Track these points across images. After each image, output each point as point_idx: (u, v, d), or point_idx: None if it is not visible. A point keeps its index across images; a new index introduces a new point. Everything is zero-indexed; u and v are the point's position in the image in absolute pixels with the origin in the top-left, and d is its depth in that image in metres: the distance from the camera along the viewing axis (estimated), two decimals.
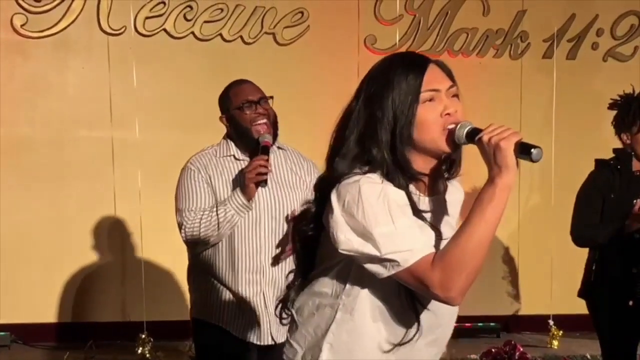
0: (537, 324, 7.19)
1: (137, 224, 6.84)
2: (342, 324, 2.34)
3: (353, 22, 7.18)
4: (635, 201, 4.56)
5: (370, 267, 2.21)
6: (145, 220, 6.82)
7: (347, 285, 2.33)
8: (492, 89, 7.42)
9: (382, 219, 2.18)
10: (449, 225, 2.42)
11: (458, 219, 2.48)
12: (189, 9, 6.97)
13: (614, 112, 4.83)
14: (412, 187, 2.33)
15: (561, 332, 6.91)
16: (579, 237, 4.82)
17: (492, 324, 7.36)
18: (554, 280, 7.24)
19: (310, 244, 2.41)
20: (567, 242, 4.86)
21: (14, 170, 6.84)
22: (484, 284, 7.42)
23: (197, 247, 4.02)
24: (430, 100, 2.32)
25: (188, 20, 6.98)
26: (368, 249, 2.18)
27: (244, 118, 4.06)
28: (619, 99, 4.84)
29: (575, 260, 5.01)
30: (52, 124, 6.92)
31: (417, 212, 2.28)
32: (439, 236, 2.31)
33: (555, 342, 6.89)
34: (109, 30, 6.89)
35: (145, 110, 6.86)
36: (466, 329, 7.29)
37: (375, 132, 2.29)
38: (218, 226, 3.88)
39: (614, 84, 7.36)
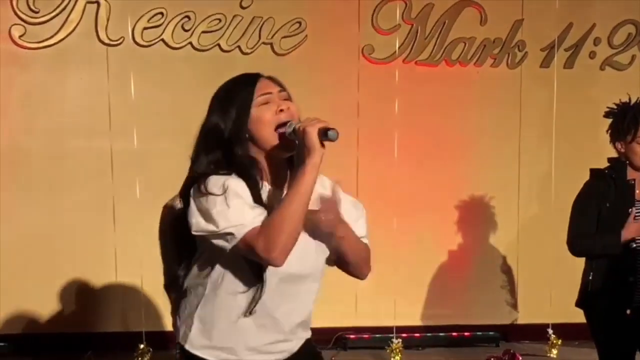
0: (536, 332, 7.18)
1: (135, 234, 6.83)
2: (209, 299, 2.83)
3: (351, 32, 7.19)
4: (630, 210, 4.57)
5: (217, 242, 2.69)
6: (144, 230, 6.81)
7: (211, 267, 2.81)
8: (489, 98, 7.43)
9: (219, 202, 2.66)
10: None
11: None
12: (186, 19, 6.98)
13: (610, 121, 4.85)
14: (260, 181, 2.79)
15: (560, 341, 6.91)
16: (575, 247, 4.83)
17: (491, 332, 7.36)
18: (553, 289, 7.24)
19: (181, 237, 2.84)
20: (566, 251, 4.87)
21: (13, 180, 6.84)
22: (483, 293, 7.45)
23: None
24: (265, 103, 2.80)
25: (186, 31, 6.99)
26: (210, 227, 2.67)
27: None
28: (615, 107, 4.85)
29: (574, 269, 5.01)
30: (51, 134, 6.93)
31: (257, 199, 2.72)
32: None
33: (554, 351, 6.89)
34: (107, 41, 6.90)
35: (144, 121, 6.86)
36: (465, 338, 7.30)
37: (217, 140, 2.81)
38: None
39: (612, 92, 7.36)
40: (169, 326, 6.56)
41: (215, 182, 2.69)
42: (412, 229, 6.98)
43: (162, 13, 6.93)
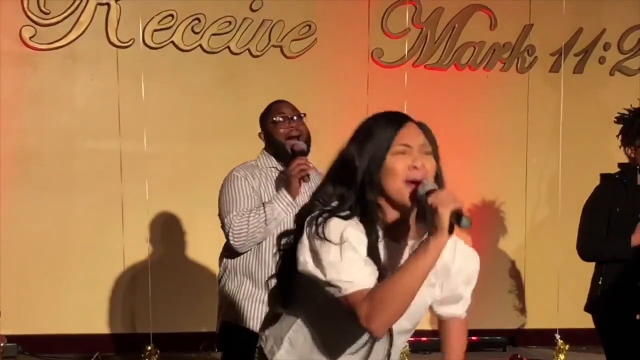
0: (544, 338, 7.17)
1: (144, 236, 6.85)
2: (301, 327, 2.72)
3: (361, 35, 7.19)
4: None
5: (322, 287, 2.54)
6: (153, 232, 6.84)
7: (311, 299, 2.67)
8: (499, 103, 7.43)
9: (333, 251, 2.51)
10: None
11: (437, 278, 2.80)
12: (196, 21, 6.99)
13: (621, 126, 4.85)
14: (379, 230, 2.62)
15: (568, 346, 6.88)
16: (584, 252, 4.83)
17: (498, 337, 7.35)
18: (561, 294, 7.23)
19: (291, 268, 2.66)
20: (574, 256, 4.86)
21: (22, 181, 6.85)
22: (491, 297, 7.43)
23: (242, 248, 4.19)
24: (402, 153, 2.61)
25: (196, 33, 7.01)
26: (317, 273, 2.54)
27: (278, 133, 4.30)
28: (626, 112, 4.85)
29: (582, 274, 5.01)
30: (60, 135, 6.94)
31: (372, 251, 2.57)
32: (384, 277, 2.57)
33: (562, 356, 6.87)
34: (117, 43, 6.91)
35: (154, 123, 6.87)
36: (472, 343, 7.28)
37: (350, 175, 2.62)
38: (265, 222, 4.10)
39: (621, 97, 7.37)
40: (176, 328, 6.63)
41: (334, 228, 2.53)
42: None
43: (172, 15, 6.95)
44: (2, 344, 6.50)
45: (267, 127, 4.33)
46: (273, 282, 2.86)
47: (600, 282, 4.77)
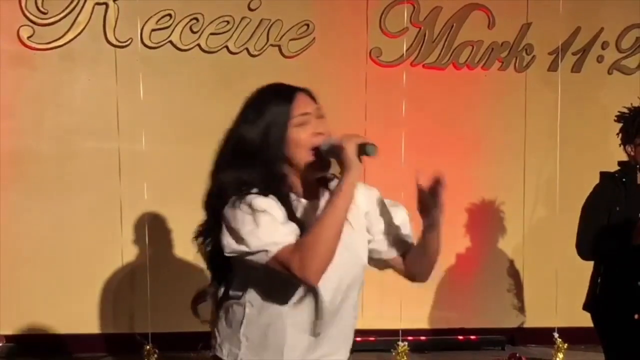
0: (542, 336, 7.17)
1: (143, 236, 6.85)
2: (251, 318, 2.76)
3: (359, 35, 7.19)
4: None
5: (251, 261, 2.63)
6: (152, 233, 6.84)
7: (250, 286, 2.75)
8: (497, 102, 7.44)
9: (248, 221, 2.60)
10: None
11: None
12: (195, 21, 6.99)
13: (619, 125, 4.85)
14: (292, 196, 2.73)
15: (566, 345, 6.89)
16: (583, 251, 4.83)
17: (497, 336, 7.36)
18: (559, 293, 7.23)
19: (214, 256, 2.80)
20: (572, 255, 4.87)
21: (20, 181, 6.85)
22: (489, 296, 7.44)
23: None
24: (302, 123, 2.71)
25: (194, 33, 7.00)
26: (242, 248, 2.61)
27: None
28: (627, 111, 4.86)
29: (580, 273, 5.01)
30: (58, 135, 6.94)
31: (290, 215, 2.67)
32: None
33: (561, 355, 6.88)
34: (115, 43, 6.91)
35: (152, 122, 6.87)
36: (471, 342, 7.30)
37: (250, 154, 2.70)
38: None
39: (619, 96, 7.37)
40: (175, 327, 6.63)
41: (244, 203, 2.62)
42: (417, 232, 6.96)
43: (170, 15, 6.94)
44: (0, 344, 6.51)
45: None
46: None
47: (599, 281, 4.77)
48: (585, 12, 7.52)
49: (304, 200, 2.76)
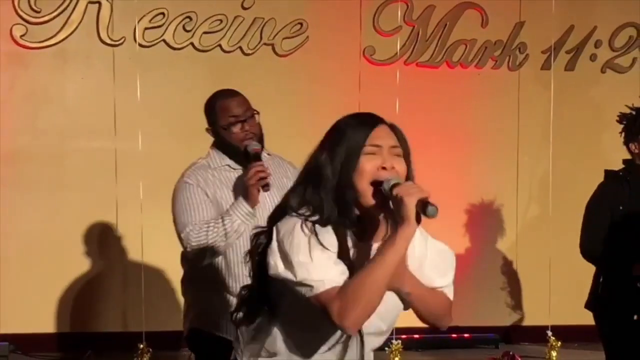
0: (536, 334, 7.17)
1: (138, 235, 6.83)
2: (276, 336, 2.71)
3: (352, 33, 7.19)
4: None
5: (293, 287, 2.55)
6: (147, 232, 6.83)
7: (284, 303, 2.67)
8: (490, 100, 7.44)
9: (302, 251, 2.52)
10: None
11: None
12: (188, 19, 6.99)
13: (614, 123, 4.86)
14: (348, 232, 2.62)
15: (560, 343, 6.90)
16: (586, 253, 4.82)
17: (490, 334, 7.36)
18: (553, 291, 7.24)
19: (264, 274, 2.67)
20: (566, 253, 4.89)
21: (14, 180, 6.84)
22: (483, 295, 7.45)
23: (203, 259, 3.99)
24: (372, 154, 2.61)
25: (187, 31, 7.00)
26: (288, 275, 2.54)
27: (233, 137, 4.07)
28: (628, 112, 4.85)
29: (574, 271, 5.02)
30: (52, 134, 6.93)
31: (343, 252, 2.58)
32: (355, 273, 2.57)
33: (554, 353, 6.88)
34: (108, 41, 6.91)
35: (146, 121, 6.85)
36: (465, 340, 7.30)
37: (321, 176, 2.62)
38: (225, 236, 3.89)
39: (613, 95, 7.42)
40: (168, 326, 6.63)
41: (302, 230, 2.56)
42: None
43: (163, 13, 6.94)
44: None
45: (216, 129, 4.12)
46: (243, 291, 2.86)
47: (601, 280, 4.77)
48: (578, 11, 7.53)
49: (355, 239, 2.66)
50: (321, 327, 2.62)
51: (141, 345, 6.48)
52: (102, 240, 6.89)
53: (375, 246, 2.65)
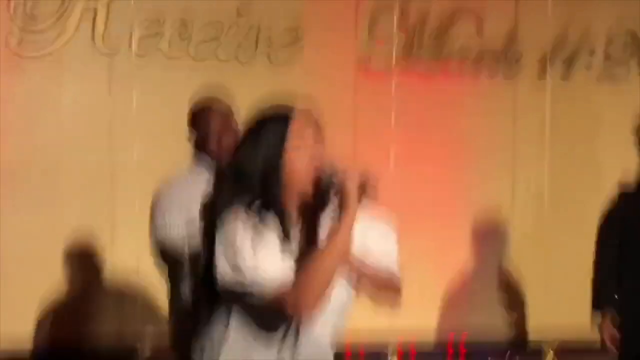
0: (533, 349, 7.17)
1: (134, 249, 6.81)
2: (234, 342, 2.75)
3: (348, 42, 7.19)
4: None
5: (244, 293, 2.62)
6: (143, 245, 6.80)
7: (230, 312, 2.75)
8: (486, 110, 7.43)
9: (246, 252, 2.59)
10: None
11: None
12: (183, 28, 6.97)
13: (610, 132, 4.85)
14: (288, 217, 2.70)
15: (557, 358, 6.88)
16: (600, 305, 4.79)
17: (487, 348, 7.33)
18: (548, 305, 7.23)
19: (206, 272, 2.72)
20: (559, 266, 4.86)
21: (7, 190, 6.80)
22: (479, 309, 7.42)
23: None
24: (298, 148, 2.68)
25: (183, 40, 6.99)
26: (237, 277, 2.60)
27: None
28: None
29: (568, 284, 5.01)
30: (46, 144, 6.90)
31: (285, 241, 2.66)
32: (302, 262, 2.65)
33: None
34: (104, 50, 6.89)
35: (142, 132, 6.83)
36: (462, 354, 7.28)
37: (248, 175, 2.68)
38: None
39: (609, 104, 7.42)
40: (166, 341, 6.60)
41: (241, 227, 2.62)
42: (405, 242, 6.94)
43: (159, 22, 6.93)
44: None
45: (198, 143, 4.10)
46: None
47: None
48: (573, 20, 7.53)
49: (298, 224, 2.75)
50: (273, 323, 2.70)
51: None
52: (98, 253, 6.85)
53: (318, 226, 2.74)
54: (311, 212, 2.76)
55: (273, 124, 2.72)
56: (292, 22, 7.13)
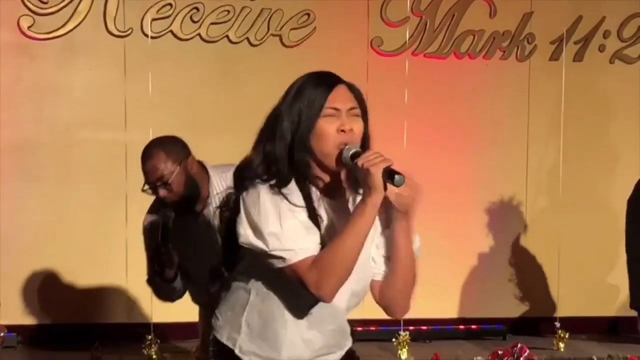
0: (544, 326, 7.17)
1: None
2: (254, 306, 2.76)
3: (360, 24, 7.17)
4: None
5: (265, 259, 2.62)
6: None
7: (256, 274, 2.74)
8: (498, 91, 7.42)
9: (272, 221, 2.59)
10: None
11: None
12: (195, 10, 6.97)
13: (622, 113, 4.83)
14: (312, 191, 2.70)
15: (568, 334, 6.88)
16: (634, 260, 4.79)
17: (498, 326, 7.35)
18: (561, 282, 7.23)
19: (228, 234, 2.75)
20: (574, 244, 4.87)
21: (21, 172, 6.84)
22: (491, 286, 7.43)
23: None
24: (331, 116, 2.67)
25: (195, 22, 6.99)
26: (259, 244, 2.60)
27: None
28: None
29: (583, 262, 5.01)
30: (59, 126, 6.92)
31: (312, 213, 2.66)
32: (329, 238, 2.65)
33: (562, 345, 6.87)
34: (115, 32, 6.89)
35: (156, 113, 6.83)
36: (472, 331, 7.29)
37: (279, 136, 2.67)
38: None
39: (621, 85, 7.39)
40: (176, 318, 6.64)
41: (267, 196, 2.62)
42: (418, 221, 6.94)
43: (170, 4, 6.93)
44: (2, 334, 6.51)
45: None
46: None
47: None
48: (587, 1, 7.50)
49: (326, 199, 2.73)
50: (296, 294, 2.67)
51: (149, 337, 6.48)
52: (111, 232, 6.87)
53: (345, 203, 2.75)
54: (336, 186, 2.74)
55: (312, 88, 2.72)
56: (304, 4, 7.11)
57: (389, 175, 2.57)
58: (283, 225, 2.59)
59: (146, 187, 4.27)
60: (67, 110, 6.93)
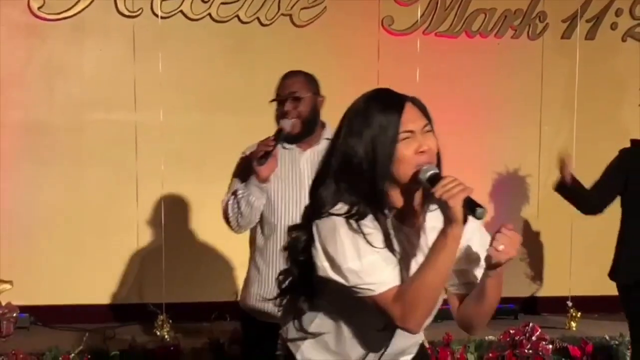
0: (556, 305, 7.17)
1: (158, 207, 6.85)
2: (323, 321, 2.75)
3: (371, 3, 7.14)
4: None
5: (345, 289, 2.57)
6: (167, 204, 6.84)
7: (332, 294, 2.67)
8: (510, 70, 7.39)
9: (350, 257, 2.53)
10: (423, 254, 2.64)
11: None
12: None
13: (634, 92, 4.83)
14: (388, 220, 2.62)
15: (580, 313, 6.88)
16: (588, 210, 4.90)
17: (510, 305, 7.33)
18: (573, 261, 7.23)
19: (306, 268, 2.68)
20: (586, 224, 4.86)
21: (32, 153, 6.85)
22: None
23: (234, 229, 4.27)
24: (407, 139, 2.58)
25: (205, 2, 6.96)
26: (338, 278, 2.56)
27: (277, 113, 4.26)
28: None
29: (595, 241, 5.00)
30: (70, 107, 6.92)
31: (387, 243, 2.59)
32: (406, 267, 2.63)
33: (574, 324, 6.87)
34: (126, 13, 6.88)
35: (166, 93, 6.84)
36: None
37: (354, 167, 2.58)
38: (239, 208, 4.13)
39: (633, 63, 7.34)
40: (188, 298, 6.64)
41: (343, 229, 2.56)
42: None
43: None
44: (14, 315, 6.53)
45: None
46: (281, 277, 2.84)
47: (622, 249, 4.76)
48: None
49: (399, 223, 2.67)
50: (371, 319, 2.63)
51: (161, 317, 6.49)
52: (122, 212, 6.88)
53: (419, 229, 2.70)
54: (409, 209, 2.68)
55: (380, 113, 2.60)
56: None
57: (470, 206, 2.51)
58: (362, 261, 2.53)
59: (275, 98, 4.28)
60: (77, 91, 6.92)
